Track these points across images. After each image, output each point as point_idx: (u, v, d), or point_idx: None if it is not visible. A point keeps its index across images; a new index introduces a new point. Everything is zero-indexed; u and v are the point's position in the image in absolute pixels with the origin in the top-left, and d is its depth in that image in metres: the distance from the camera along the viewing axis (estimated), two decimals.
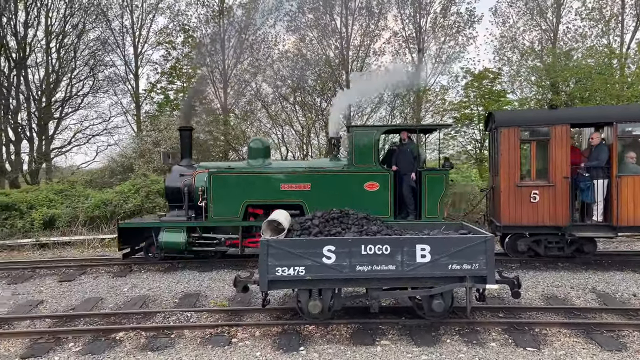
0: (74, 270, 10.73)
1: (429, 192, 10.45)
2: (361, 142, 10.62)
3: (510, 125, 10.24)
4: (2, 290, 9.35)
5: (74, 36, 22.45)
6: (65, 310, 8.21)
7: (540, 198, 9.99)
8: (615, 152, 9.69)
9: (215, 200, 10.90)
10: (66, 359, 6.32)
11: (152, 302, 8.57)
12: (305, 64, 21.97)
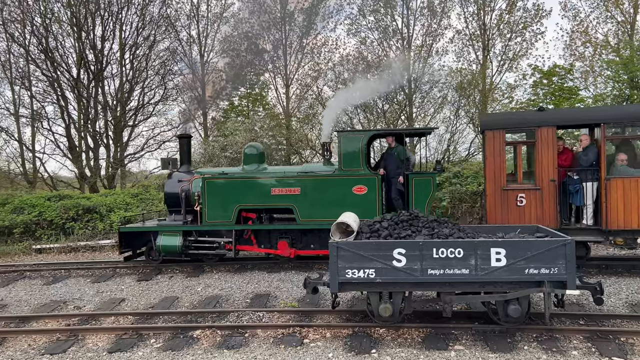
0: (150, 270, 11.27)
1: (417, 195, 10.48)
2: (349, 147, 10.73)
3: (495, 128, 10.02)
4: (87, 289, 9.98)
5: (146, 47, 23.61)
6: (145, 308, 8.64)
7: (527, 202, 9.73)
8: (603, 154, 9.38)
9: (209, 204, 11.20)
10: (149, 354, 6.65)
11: (224, 302, 8.85)
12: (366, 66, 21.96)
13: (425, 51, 22.02)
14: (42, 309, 8.73)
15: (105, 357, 6.59)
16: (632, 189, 9.24)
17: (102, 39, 22.72)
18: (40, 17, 22.00)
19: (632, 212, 9.24)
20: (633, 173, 9.38)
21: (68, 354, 6.73)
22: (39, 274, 11.19)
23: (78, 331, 7.41)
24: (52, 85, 22.58)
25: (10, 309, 8.86)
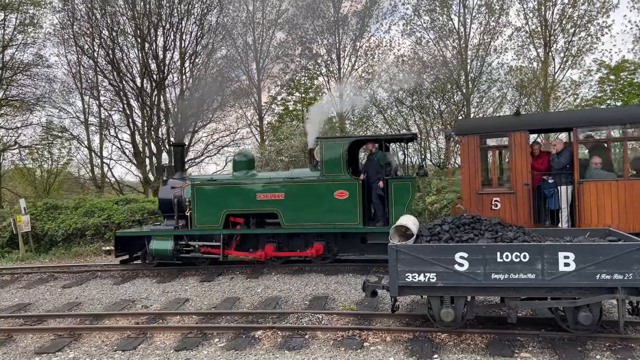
0: (212, 271, 11.61)
1: (396, 200, 10.56)
2: (330, 153, 10.91)
3: (470, 133, 10.07)
4: (154, 288, 10.41)
5: (204, 56, 24.40)
6: (208, 308, 8.91)
7: (502, 205, 9.75)
8: (576, 157, 9.37)
9: (198, 210, 11.55)
10: (213, 353, 6.85)
11: (284, 303, 8.99)
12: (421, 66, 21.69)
13: (483, 50, 21.48)
14: (113, 307, 9.19)
15: (172, 355, 6.85)
16: (605, 193, 9.16)
17: (163, 49, 23.71)
18: (108, 30, 23.23)
19: (606, 215, 9.11)
20: (606, 176, 9.29)
21: (138, 350, 7.05)
22: (109, 274, 11.78)
23: (147, 329, 7.74)
24: (118, 95, 23.78)
25: (84, 307, 9.39)
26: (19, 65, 24.24)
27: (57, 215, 17.20)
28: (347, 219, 10.65)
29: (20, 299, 10.00)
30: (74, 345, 7.34)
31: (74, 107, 25.92)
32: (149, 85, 23.92)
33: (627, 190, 9.05)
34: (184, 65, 24.24)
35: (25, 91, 24.67)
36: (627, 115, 9.53)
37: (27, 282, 11.35)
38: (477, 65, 21.43)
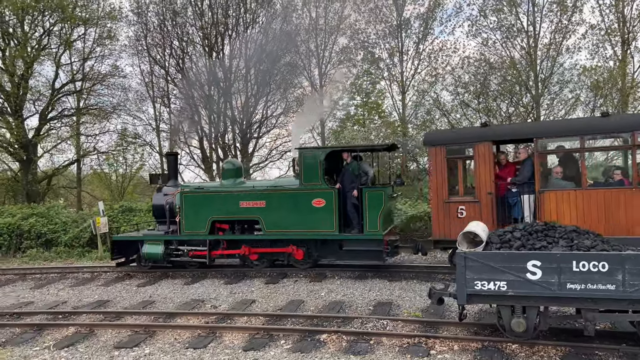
0: (276, 274, 11.83)
1: (370, 208, 10.86)
2: (308, 163, 11.27)
3: (437, 144, 10.52)
4: (221, 289, 10.75)
5: (269, 63, 24.94)
6: (274, 310, 9.09)
7: (467, 213, 10.04)
8: (537, 167, 9.59)
9: (186, 216, 12.15)
10: (280, 355, 6.98)
11: (347, 308, 9.01)
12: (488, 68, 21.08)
13: (553, 49, 20.58)
14: (184, 306, 9.57)
15: (241, 354, 7.04)
16: (564, 202, 9.34)
17: (230, 57, 24.46)
18: (178, 40, 24.30)
19: (564, 223, 8.83)
20: (565, 185, 9.52)
21: (208, 349, 7.30)
22: (179, 273, 12.27)
23: (216, 329, 8.00)
24: (187, 102, 24.78)
25: (158, 305, 9.84)
26: (98, 76, 25.84)
27: (131, 217, 18.13)
28: (324, 226, 11.11)
29: (99, 296, 10.63)
30: (149, 342, 7.72)
31: (147, 114, 27.30)
32: (216, 92, 24.76)
33: (585, 199, 9.23)
34: (249, 73, 24.89)
35: (103, 100, 26.29)
36: (584, 126, 9.76)
37: (105, 280, 12.05)
38: (547, 66, 20.56)
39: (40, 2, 21.97)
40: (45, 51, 23.72)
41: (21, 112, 23.13)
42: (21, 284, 12.03)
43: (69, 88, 25.31)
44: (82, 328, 8.35)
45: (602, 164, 9.64)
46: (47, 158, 27.23)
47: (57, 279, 12.27)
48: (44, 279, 12.37)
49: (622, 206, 8.94)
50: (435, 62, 23.84)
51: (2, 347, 7.67)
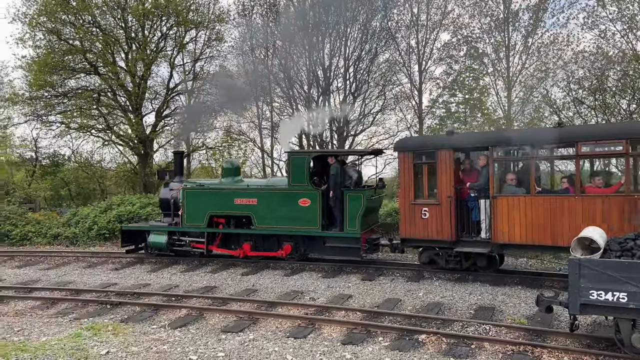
0: (372, 270, 11.86)
1: (350, 209, 11.71)
2: (296, 165, 12.22)
3: (404, 150, 11.30)
4: (319, 283, 10.99)
5: (368, 60, 24.97)
6: (370, 306, 9.14)
7: (430, 215, 10.81)
8: (492, 174, 10.19)
9: (187, 210, 13.26)
10: (378, 351, 7.01)
11: (447, 310, 8.82)
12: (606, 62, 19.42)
13: None
14: (284, 296, 9.93)
15: (339, 347, 7.18)
16: (514, 207, 9.91)
17: (329, 56, 24.82)
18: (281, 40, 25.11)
19: (515, 227, 9.89)
20: (516, 192, 10.07)
21: (308, 340, 7.52)
22: (279, 265, 12.72)
23: (315, 320, 8.22)
24: (288, 101, 25.56)
25: (260, 294, 10.30)
26: (207, 75, 27.46)
27: None
28: (309, 224, 12.07)
29: (207, 282, 11.34)
30: (253, 328, 8.11)
31: (250, 112, 28.52)
32: (316, 91, 25.26)
33: (533, 205, 9.76)
34: (348, 71, 25.09)
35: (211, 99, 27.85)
36: (534, 136, 10.29)
37: (213, 267, 12.81)
38: None
39: (159, 8, 23.80)
40: (161, 53, 25.64)
41: (140, 110, 25.22)
42: (139, 267, 13.17)
43: (182, 87, 27.17)
44: (192, 311, 8.98)
45: (564, 172, 10.17)
46: (162, 152, 29.53)
47: (170, 264, 13.27)
48: (159, 263, 13.44)
49: (566, 213, 9.45)
50: (546, 56, 22.41)
51: (125, 323, 8.47)
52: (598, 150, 9.53)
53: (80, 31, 23.12)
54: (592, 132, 9.96)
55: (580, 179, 9.64)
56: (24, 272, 12.98)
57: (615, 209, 9.00)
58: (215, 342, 7.42)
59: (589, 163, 10.86)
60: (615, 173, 9.78)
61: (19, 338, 7.73)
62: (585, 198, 9.36)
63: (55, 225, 18.61)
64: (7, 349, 7.08)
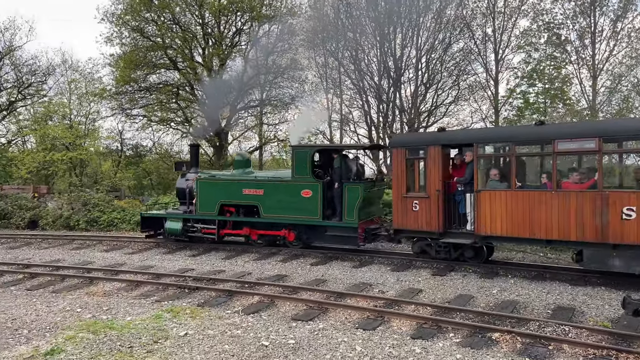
0: (443, 266, 11.63)
1: (349, 200, 12.43)
2: (299, 159, 13.00)
3: (398, 146, 11.93)
4: (388, 276, 10.95)
5: (441, 50, 24.34)
6: (441, 302, 8.97)
7: (420, 208, 11.39)
8: (476, 169, 10.64)
9: (200, 199, 14.31)
10: (448, 347, 6.89)
11: (522, 309, 8.49)
12: None
13: None
14: (353, 288, 9.98)
15: (409, 341, 7.12)
16: (496, 201, 10.38)
17: (401, 46, 24.44)
18: (352, 32, 25.04)
19: (496, 220, 10.39)
20: (497, 186, 10.54)
21: (377, 332, 7.53)
22: (347, 256, 12.78)
23: (384, 313, 8.20)
24: (358, 93, 25.48)
25: (329, 284, 10.42)
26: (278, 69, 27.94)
27: None
28: (311, 214, 12.83)
29: (278, 271, 11.63)
30: (323, 317, 8.23)
31: (320, 105, 28.74)
32: (386, 82, 24.99)
33: (513, 199, 10.23)
34: (420, 61, 24.59)
35: (283, 92, 28.36)
36: (514, 134, 11.11)
37: (284, 257, 13.11)
38: None
39: (234, 3, 24.49)
40: (236, 48, 26.43)
41: None
42: (215, 254, 13.73)
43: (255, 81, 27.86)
44: (264, 298, 9.25)
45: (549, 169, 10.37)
46: (236, 145, 30.52)
47: (242, 252, 13.73)
48: (232, 250, 13.95)
49: (543, 207, 9.89)
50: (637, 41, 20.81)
51: (202, 307, 8.88)
52: (573, 147, 9.94)
53: (162, 28, 24.33)
54: (567, 130, 10.36)
55: (558, 175, 10.08)
56: (111, 255, 13.94)
57: (587, 204, 9.43)
58: (286, 330, 7.61)
59: (577, 159, 11.14)
60: (593, 169, 9.97)
61: (107, 316, 8.33)
62: (561, 193, 9.79)
63: (138, 213, 19.84)
64: (97, 326, 7.66)
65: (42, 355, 6.53)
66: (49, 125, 29.01)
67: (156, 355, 6.58)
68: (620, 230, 9.09)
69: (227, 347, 6.88)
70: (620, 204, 9.10)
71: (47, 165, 27.73)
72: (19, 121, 32.29)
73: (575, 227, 9.56)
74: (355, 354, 6.61)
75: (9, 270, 11.98)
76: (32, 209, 20.98)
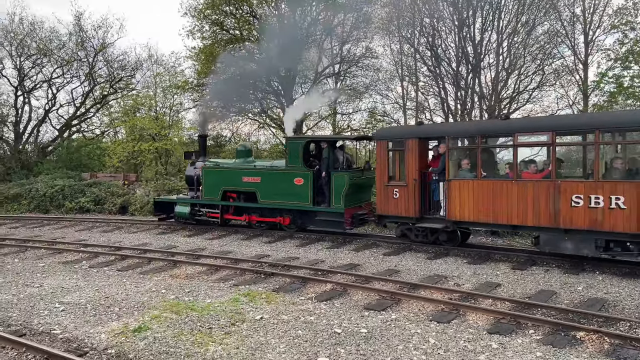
0: (524, 259, 11.13)
1: (336, 188, 13.47)
2: (292, 149, 14.28)
3: (381, 139, 13.16)
4: (464, 269, 10.65)
5: (524, 33, 23.08)
6: (521, 297, 8.60)
7: (399, 195, 12.58)
8: (447, 160, 11.70)
9: (206, 186, 15.79)
10: (528, 344, 6.60)
11: (611, 307, 7.97)
12: None
13: None
14: (427, 279, 9.81)
15: (485, 336, 6.90)
16: (465, 189, 11.47)
17: (481, 30, 23.46)
18: (428, 17, 24.38)
19: (465, 207, 11.46)
20: (465, 176, 11.63)
21: (451, 325, 7.36)
22: (421, 248, 12.57)
23: (460, 306, 7.99)
24: (435, 80, 24.83)
25: (402, 275, 10.32)
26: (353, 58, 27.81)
27: None
28: (302, 200, 14.05)
29: (351, 260, 11.68)
30: (395, 308, 8.17)
31: (395, 93, 28.31)
32: (465, 68, 24.13)
33: (479, 187, 11.19)
34: (502, 46, 23.48)
35: (357, 81, 28.22)
36: (480, 128, 11.95)
37: (356, 246, 13.15)
38: None
39: None
40: (311, 38, 26.59)
41: (291, 94, 26.56)
42: (289, 242, 14.03)
43: (329, 71, 27.94)
44: (337, 286, 9.33)
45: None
46: (310, 134, 30.80)
47: (315, 240, 13.92)
48: (306, 238, 14.18)
49: (505, 195, 10.87)
50: None
51: (277, 293, 9.12)
52: (531, 140, 11.17)
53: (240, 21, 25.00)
54: (526, 125, 11.45)
55: (521, 166, 11.12)
56: (193, 240, 14.65)
57: (543, 193, 10.39)
58: (358, 318, 7.63)
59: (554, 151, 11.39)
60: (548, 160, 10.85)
61: (188, 298, 8.79)
62: (520, 182, 10.75)
63: None
64: (180, 307, 8.11)
65: (131, 332, 7.02)
66: (137, 117, 30.83)
67: (233, 337, 6.85)
68: (570, 216, 10.06)
69: (301, 332, 7.02)
70: (570, 192, 10.05)
71: (136, 155, 29.54)
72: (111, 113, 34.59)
73: (532, 213, 10.54)
74: (428, 346, 6.52)
75: (102, 252, 12.95)
76: (122, 195, 22.49)
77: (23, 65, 30.49)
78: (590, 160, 10.92)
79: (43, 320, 7.67)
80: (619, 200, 9.46)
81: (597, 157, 10.02)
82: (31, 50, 30.28)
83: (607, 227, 9.59)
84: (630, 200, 9.33)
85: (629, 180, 9.54)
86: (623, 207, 9.41)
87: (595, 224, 9.74)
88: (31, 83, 31.40)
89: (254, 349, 6.47)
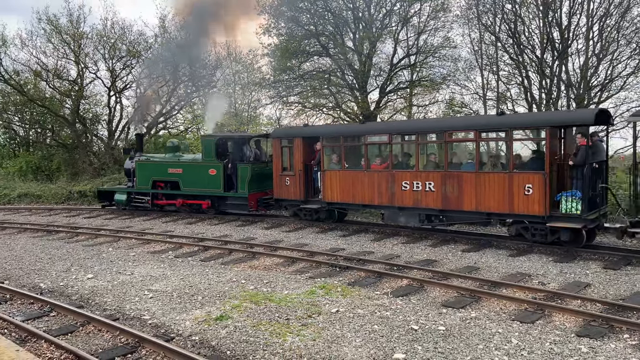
0: (618, 258, 10.37)
1: (240, 178, 16.83)
2: (206, 145, 17.54)
3: (276, 137, 16.46)
4: (550, 267, 10.09)
5: (617, 16, 21.36)
6: (614, 298, 8.03)
7: (290, 182, 15.71)
8: (322, 155, 14.95)
9: (138, 176, 19.10)
10: (622, 350, 6.15)
11: None
12: None
13: None
14: (509, 277, 9.41)
15: (573, 339, 6.52)
16: (333, 178, 14.71)
17: (568, 14, 21.99)
18: (510, 3, 23.23)
19: (334, 191, 14.67)
20: (333, 167, 14.91)
21: (536, 326, 7.01)
22: (503, 244, 12.06)
23: (545, 306, 7.60)
24: (517, 68, 23.63)
25: (482, 272, 9.96)
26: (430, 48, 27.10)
27: None
28: (216, 187, 17.20)
29: (428, 255, 11.45)
30: (475, 306, 7.92)
31: (474, 83, 27.27)
32: (550, 55, 22.75)
33: (343, 176, 14.54)
34: (592, 30, 21.87)
35: (434, 72, 27.47)
36: (341, 130, 16.28)
37: (433, 241, 12.87)
38: None
39: None
40: (386, 30, 26.23)
41: (366, 87, 26.39)
42: (364, 235, 14.01)
43: (405, 62, 27.43)
44: (413, 282, 9.20)
45: None
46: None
47: (390, 234, 13.79)
48: (381, 233, 14.09)
49: (359, 181, 14.15)
50: None
51: (352, 286, 9.15)
52: (375, 140, 14.79)
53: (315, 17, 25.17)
54: (373, 128, 15.63)
55: (372, 160, 14.46)
56: (270, 233, 15.04)
57: (383, 180, 13.61)
58: (436, 315, 7.48)
59: None
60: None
61: (267, 289, 9.03)
62: (369, 172, 14.00)
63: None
64: (259, 297, 8.36)
65: (213, 320, 7.33)
66: None
67: (310, 328, 6.96)
68: (401, 197, 13.23)
69: (377, 327, 6.99)
70: (401, 179, 13.23)
71: None
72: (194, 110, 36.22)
73: (377, 195, 13.73)
74: (511, 347, 6.26)
75: (187, 242, 13.63)
76: None
77: (115, 67, 32.68)
78: (413, 155, 13.96)
79: (134, 306, 8.21)
80: (430, 184, 12.63)
81: (417, 153, 13.51)
82: (122, 52, 32.37)
83: (424, 205, 12.76)
84: (437, 185, 12.54)
85: (437, 171, 12.88)
86: (433, 190, 12.61)
87: (417, 202, 12.89)
88: (122, 83, 33.62)
89: (330, 341, 6.53)
